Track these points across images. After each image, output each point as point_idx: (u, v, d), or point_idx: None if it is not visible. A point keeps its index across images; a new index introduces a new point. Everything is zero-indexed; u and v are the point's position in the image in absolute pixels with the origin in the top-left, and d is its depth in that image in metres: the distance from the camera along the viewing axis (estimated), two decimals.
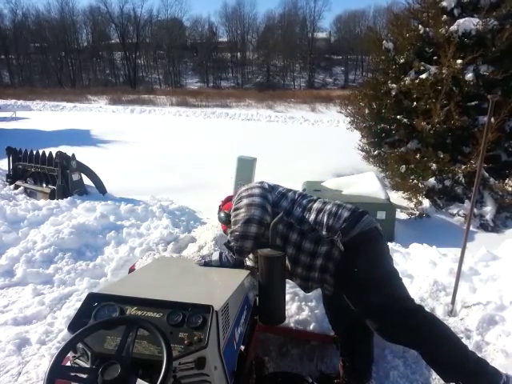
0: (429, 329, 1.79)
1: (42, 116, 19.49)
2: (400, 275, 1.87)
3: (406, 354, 2.36)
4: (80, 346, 1.23)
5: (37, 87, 39.54)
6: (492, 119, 4.71)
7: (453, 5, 5.69)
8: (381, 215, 4.47)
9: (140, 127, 15.51)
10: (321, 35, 56.39)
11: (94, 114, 21.09)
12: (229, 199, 2.22)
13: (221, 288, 1.60)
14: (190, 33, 58.76)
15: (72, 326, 1.30)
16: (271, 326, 2.06)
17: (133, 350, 1.10)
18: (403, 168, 5.79)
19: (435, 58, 5.71)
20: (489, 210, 5.11)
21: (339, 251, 1.78)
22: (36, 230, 4.35)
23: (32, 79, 49.28)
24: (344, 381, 2.15)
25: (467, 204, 5.14)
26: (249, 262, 2.13)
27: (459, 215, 5.27)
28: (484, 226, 5.03)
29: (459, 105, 5.38)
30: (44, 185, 6.14)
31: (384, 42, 6.26)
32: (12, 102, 24.87)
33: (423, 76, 5.57)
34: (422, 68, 5.69)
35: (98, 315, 1.34)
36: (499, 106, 4.90)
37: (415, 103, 5.76)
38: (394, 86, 6.06)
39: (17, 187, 6.19)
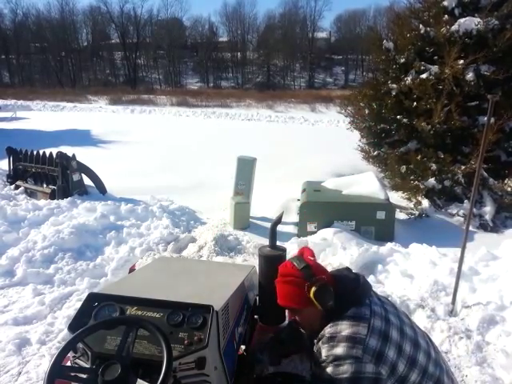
0: None
1: (42, 116, 19.49)
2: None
3: None
4: (80, 345, 1.23)
5: (37, 87, 39.52)
6: (492, 119, 4.70)
7: (454, 4, 5.68)
8: (380, 215, 4.47)
9: (140, 127, 15.50)
10: (321, 35, 56.35)
11: (94, 114, 21.09)
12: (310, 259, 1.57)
13: (221, 288, 1.60)
14: (190, 32, 58.74)
15: (72, 326, 1.30)
16: (271, 325, 2.06)
17: (133, 350, 1.10)
18: (403, 168, 5.79)
19: (436, 57, 5.71)
20: (488, 210, 5.10)
21: None
22: (36, 230, 4.36)
23: (32, 79, 49.25)
24: None
25: (467, 204, 5.14)
26: None
27: (459, 215, 5.27)
28: (483, 226, 5.03)
29: (459, 105, 5.38)
30: (44, 185, 6.14)
31: (384, 41, 6.25)
32: (12, 102, 24.88)
33: (424, 76, 5.56)
34: (422, 68, 5.69)
35: (98, 315, 1.34)
36: (499, 107, 4.89)
37: (415, 103, 5.75)
38: (395, 86, 6.05)
39: (17, 187, 6.20)
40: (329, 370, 1.32)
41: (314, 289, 1.39)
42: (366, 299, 1.43)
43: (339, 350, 1.30)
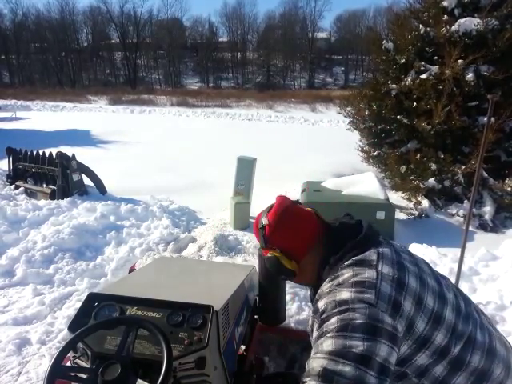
0: None
1: (42, 116, 19.49)
2: None
3: None
4: (80, 345, 1.23)
5: (37, 87, 39.51)
6: (492, 119, 4.71)
7: (453, 5, 5.68)
8: (380, 215, 4.47)
9: (140, 127, 15.51)
10: (321, 35, 56.39)
11: (94, 114, 21.09)
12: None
13: (221, 288, 1.60)
14: (190, 33, 58.78)
15: (72, 326, 1.30)
16: (271, 325, 2.06)
17: (133, 349, 1.10)
18: (403, 168, 5.79)
19: (436, 58, 5.71)
20: (488, 210, 5.11)
21: None
22: (36, 230, 4.36)
23: (32, 79, 49.25)
24: None
25: (466, 204, 5.14)
26: None
27: (458, 215, 5.27)
28: (483, 226, 5.03)
29: (459, 105, 5.38)
30: (44, 185, 6.15)
31: (384, 42, 6.26)
32: (12, 102, 24.87)
33: (424, 76, 5.57)
34: (422, 68, 5.69)
35: (99, 315, 1.34)
36: (499, 107, 4.90)
37: (415, 103, 5.76)
38: (395, 86, 6.06)
39: (17, 187, 6.20)
40: (332, 320, 0.94)
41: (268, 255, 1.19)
42: (370, 245, 1.12)
43: (345, 294, 0.97)
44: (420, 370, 1.03)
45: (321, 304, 1.01)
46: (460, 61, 5.27)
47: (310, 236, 1.18)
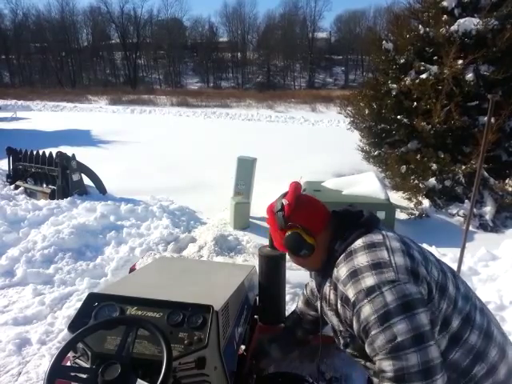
0: None
1: (43, 116, 19.49)
2: None
3: None
4: (80, 345, 1.23)
5: (37, 87, 39.54)
6: (492, 119, 4.70)
7: (453, 5, 5.68)
8: (380, 215, 4.47)
9: (140, 127, 15.51)
10: (321, 35, 56.42)
11: (94, 114, 21.10)
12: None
13: (221, 288, 1.60)
14: (191, 33, 58.81)
15: (72, 326, 1.30)
16: (271, 325, 2.06)
17: (133, 349, 1.10)
18: (403, 168, 5.80)
19: (435, 58, 5.71)
20: (488, 210, 5.11)
21: None
22: (36, 230, 4.36)
23: (32, 79, 49.30)
24: None
25: (467, 204, 5.14)
26: None
27: (459, 215, 5.27)
28: (484, 226, 5.03)
29: (459, 105, 5.38)
30: (44, 185, 6.15)
31: (384, 42, 6.25)
32: (12, 102, 24.88)
33: (423, 76, 5.57)
34: (422, 68, 5.69)
35: (99, 315, 1.34)
36: (499, 106, 4.89)
37: (415, 103, 5.76)
38: (395, 86, 6.06)
39: (17, 187, 6.20)
40: (367, 309, 1.03)
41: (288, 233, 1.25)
42: (374, 226, 1.23)
43: (369, 280, 1.05)
44: None
45: (350, 294, 1.09)
46: (460, 61, 5.27)
47: (325, 214, 1.35)
